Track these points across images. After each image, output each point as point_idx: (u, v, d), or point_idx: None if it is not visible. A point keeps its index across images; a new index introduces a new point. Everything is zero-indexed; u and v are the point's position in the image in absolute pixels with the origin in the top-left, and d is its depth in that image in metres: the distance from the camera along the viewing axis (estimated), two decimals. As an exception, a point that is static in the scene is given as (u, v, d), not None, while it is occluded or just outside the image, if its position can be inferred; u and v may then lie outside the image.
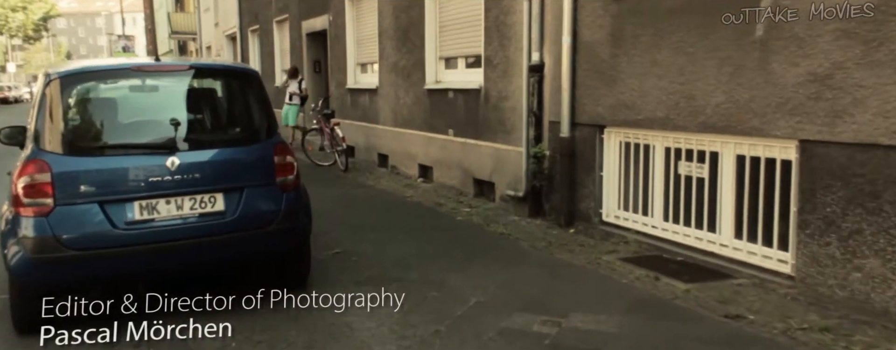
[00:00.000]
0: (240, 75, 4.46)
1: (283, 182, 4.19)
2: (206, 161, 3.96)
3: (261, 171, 4.13)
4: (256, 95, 4.28)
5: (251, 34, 18.60)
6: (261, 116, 4.29)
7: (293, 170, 4.28)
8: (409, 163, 9.52)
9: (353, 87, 11.41)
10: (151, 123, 4.03)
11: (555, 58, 6.28)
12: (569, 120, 6.06)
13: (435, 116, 8.69)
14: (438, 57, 8.76)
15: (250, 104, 4.29)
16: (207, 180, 3.92)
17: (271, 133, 4.27)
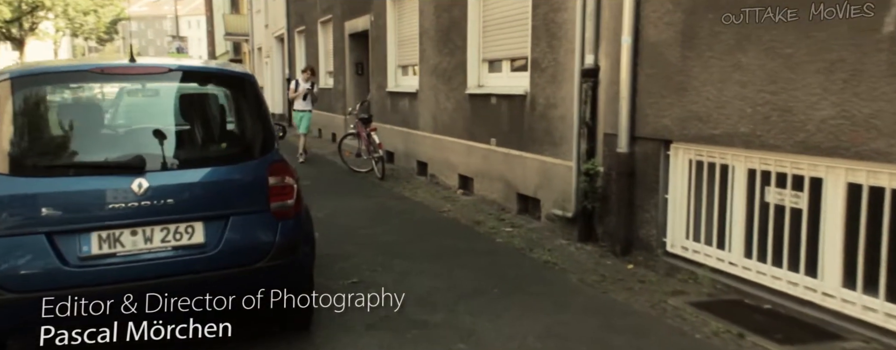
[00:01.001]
0: (230, 80, 3.58)
1: (279, 208, 3.34)
2: (182, 183, 3.13)
3: (252, 194, 3.28)
4: (250, 105, 3.42)
5: (298, 35, 18.00)
6: (254, 129, 3.43)
7: (292, 193, 3.41)
8: (448, 173, 8.62)
9: (393, 90, 10.57)
10: (117, 137, 3.24)
11: (612, 60, 5.28)
12: (628, 133, 5.05)
13: (476, 124, 7.76)
14: (481, 59, 7.82)
15: (242, 115, 3.44)
16: (184, 206, 3.09)
17: (267, 149, 3.41)
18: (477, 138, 7.75)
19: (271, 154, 3.40)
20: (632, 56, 4.97)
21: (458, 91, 8.14)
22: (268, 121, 3.46)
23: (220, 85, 3.53)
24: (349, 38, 13.22)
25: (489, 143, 7.44)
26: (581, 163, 5.63)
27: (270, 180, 3.30)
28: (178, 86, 3.38)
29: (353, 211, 7.15)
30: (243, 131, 3.45)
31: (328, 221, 6.62)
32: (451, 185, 8.48)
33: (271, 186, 3.30)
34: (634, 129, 5.03)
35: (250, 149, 3.40)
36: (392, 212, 7.14)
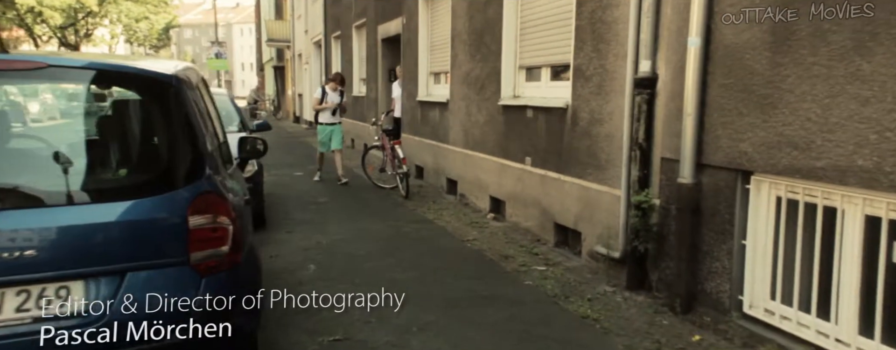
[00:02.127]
0: (143, 84, 2.59)
1: (204, 258, 2.40)
2: (53, 226, 2.21)
3: (162, 240, 2.36)
4: (171, 117, 2.48)
5: (334, 41, 17.27)
6: (175, 151, 2.48)
7: (226, 237, 2.46)
8: (479, 193, 7.60)
9: (424, 99, 9.62)
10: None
11: (674, 68, 4.19)
12: (693, 158, 3.95)
13: (510, 139, 6.73)
14: (517, 66, 6.80)
15: (155, 131, 2.49)
16: (54, 259, 2.18)
17: (193, 177, 2.47)
18: (510, 156, 6.71)
19: (198, 184, 2.43)
20: (701, 62, 3.88)
21: (491, 102, 7.13)
22: (198, 139, 2.49)
23: (129, 89, 2.57)
24: (382, 43, 12.35)
25: (523, 163, 6.40)
26: (631, 193, 4.54)
27: (192, 220, 2.36)
28: (60, 88, 2.46)
29: (365, 237, 6.20)
30: (156, 153, 2.49)
31: (331, 249, 5.69)
32: (482, 207, 7.46)
33: (193, 229, 2.36)
34: (701, 155, 3.93)
35: (166, 177, 2.45)
36: (409, 240, 6.15)
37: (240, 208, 2.80)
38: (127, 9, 39.38)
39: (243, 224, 2.84)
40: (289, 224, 6.73)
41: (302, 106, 23.19)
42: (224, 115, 7.32)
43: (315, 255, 5.48)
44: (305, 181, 9.82)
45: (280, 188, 9.08)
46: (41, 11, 31.43)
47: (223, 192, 2.54)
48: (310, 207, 7.65)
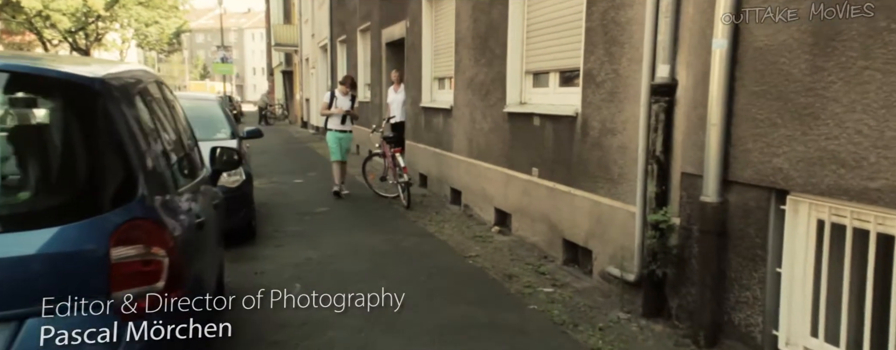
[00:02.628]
0: (58, 89, 2.12)
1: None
2: None
3: (76, 277, 1.92)
4: (92, 130, 2.05)
5: (340, 45, 16.91)
6: (98, 169, 2.05)
7: (160, 272, 2.04)
8: (483, 205, 7.16)
9: (427, 104, 9.20)
10: None
11: (696, 73, 3.75)
12: (718, 174, 3.51)
13: (516, 149, 6.29)
14: (524, 71, 6.36)
15: (73, 145, 2.06)
16: None
17: (121, 199, 2.04)
18: (516, 167, 6.28)
19: (128, 208, 2.01)
20: (728, 67, 3.44)
21: (496, 109, 6.70)
22: (131, 155, 2.05)
23: (43, 95, 2.15)
24: (386, 47, 11.96)
25: (530, 174, 5.96)
26: (648, 210, 4.09)
27: (116, 252, 1.94)
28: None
29: (359, 251, 5.78)
30: (72, 172, 2.05)
31: (321, 266, 5.27)
32: (487, 220, 7.02)
33: (117, 263, 1.94)
34: (728, 171, 3.48)
35: (85, 200, 2.01)
36: (407, 255, 5.72)
37: (189, 235, 2.39)
38: (137, 13, 39.23)
39: (192, 253, 2.43)
40: (280, 237, 6.32)
41: (309, 110, 22.85)
42: (211, 123, 6.98)
43: (303, 273, 5.06)
44: (305, 189, 9.42)
45: (277, 197, 8.68)
46: (49, 15, 31.29)
47: (161, 217, 2.12)
48: (305, 218, 7.24)
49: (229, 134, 6.71)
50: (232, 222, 5.73)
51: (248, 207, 6.02)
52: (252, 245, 5.98)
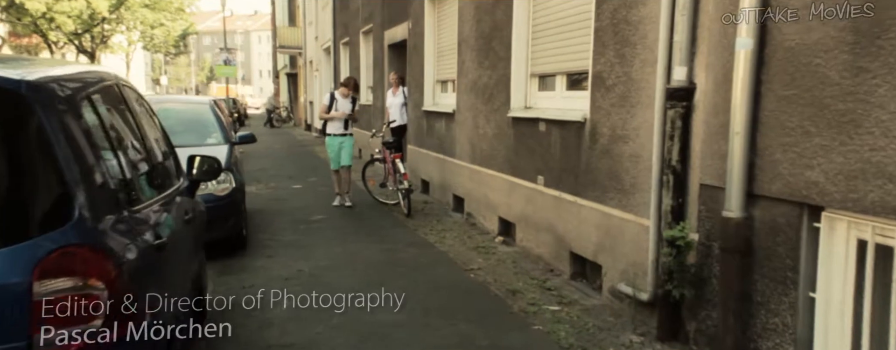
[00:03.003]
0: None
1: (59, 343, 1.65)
2: None
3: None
4: (18, 141, 1.73)
5: (343, 47, 16.64)
6: (22, 189, 1.73)
7: (99, 308, 1.72)
8: (487, 213, 6.83)
9: (430, 108, 8.89)
10: None
11: (717, 76, 3.42)
12: (742, 187, 3.17)
13: (521, 155, 5.97)
14: (529, 74, 6.04)
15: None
16: None
17: (51, 224, 1.71)
18: (521, 174, 5.95)
19: (59, 233, 1.69)
20: (753, 69, 3.10)
21: (500, 113, 6.38)
22: (67, 170, 1.72)
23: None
24: (388, 49, 11.67)
25: (535, 182, 5.63)
26: (663, 224, 3.76)
27: (40, 286, 1.62)
28: None
29: (354, 264, 5.46)
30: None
31: (313, 280, 4.96)
32: (490, 229, 6.69)
33: (40, 299, 1.62)
34: (753, 183, 3.15)
35: (8, 224, 1.69)
36: (404, 268, 5.40)
37: (147, 258, 2.09)
38: (142, 15, 39.11)
39: (149, 278, 2.12)
40: (272, 247, 6.00)
41: (312, 113, 22.58)
42: (202, 128, 6.67)
43: (293, 287, 4.74)
44: (304, 196, 9.11)
45: (274, 203, 8.38)
46: (53, 17, 31.14)
47: (104, 242, 1.81)
48: (300, 227, 6.93)
49: (221, 139, 6.42)
50: (220, 232, 5.43)
51: (238, 216, 5.72)
52: (242, 255, 5.67)
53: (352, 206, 7.95)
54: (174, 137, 6.46)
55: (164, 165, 3.10)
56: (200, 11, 59.45)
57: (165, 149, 3.36)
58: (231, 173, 5.68)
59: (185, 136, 6.32)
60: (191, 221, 3.21)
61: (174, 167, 3.43)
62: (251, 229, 6.67)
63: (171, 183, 3.04)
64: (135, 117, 2.72)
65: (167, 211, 2.66)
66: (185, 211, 3.05)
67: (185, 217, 2.99)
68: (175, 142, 6.33)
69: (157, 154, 3.00)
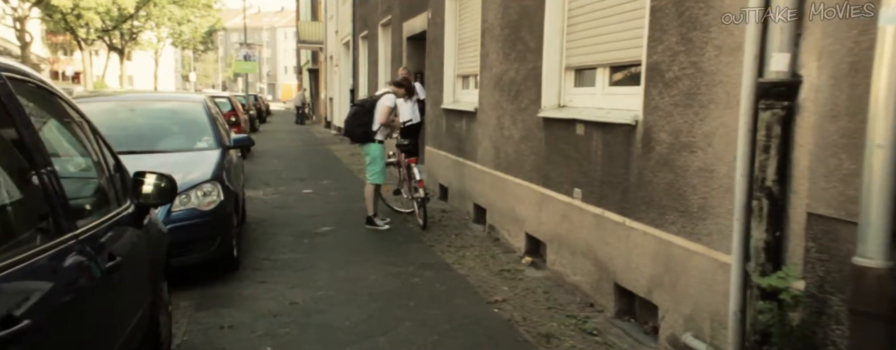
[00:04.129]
0: None
1: None
2: None
3: None
4: None
5: (362, 41, 15.76)
6: None
7: None
8: (512, 228, 5.87)
9: (449, 106, 7.94)
10: None
11: (838, 65, 2.42)
12: (886, 223, 2.17)
13: (554, 163, 4.99)
14: (563, 66, 5.06)
15: None
16: None
17: None
18: (553, 185, 4.98)
19: None
20: (907, 54, 2.10)
21: (529, 113, 5.41)
22: None
23: None
24: (407, 41, 10.74)
25: (571, 196, 4.66)
26: (752, 265, 2.77)
27: None
28: None
29: (358, 292, 4.54)
30: None
31: (306, 317, 4.06)
32: (516, 246, 5.73)
33: None
34: (902, 219, 2.14)
35: None
36: (417, 298, 4.46)
37: (39, 318, 1.25)
38: (170, 12, 38.74)
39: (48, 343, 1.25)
40: (267, 269, 5.12)
41: (332, 110, 21.78)
42: (192, 130, 5.82)
43: (280, 329, 3.84)
44: (313, 202, 8.23)
45: (279, 211, 7.52)
46: (80, 13, 30.79)
47: None
48: (303, 242, 6.04)
49: (213, 143, 5.54)
50: (203, 255, 4.58)
51: (227, 235, 4.83)
52: (230, 280, 4.80)
53: (388, 228, 6.58)
54: (158, 142, 5.65)
55: (99, 186, 2.25)
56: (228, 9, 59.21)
57: (101, 164, 2.49)
58: (219, 184, 4.80)
59: (171, 140, 5.48)
60: (135, 254, 2.35)
61: (115, 187, 2.56)
62: (247, 245, 5.81)
63: (106, 208, 2.19)
64: (44, 124, 1.85)
65: (106, 241, 1.78)
66: (111, 255, 2.16)
67: (107, 264, 2.10)
68: (158, 147, 5.52)
69: (90, 170, 2.14)
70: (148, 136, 5.40)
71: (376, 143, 6.56)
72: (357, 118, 6.57)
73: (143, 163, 5.22)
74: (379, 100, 6.57)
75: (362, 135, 6.56)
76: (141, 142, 5.20)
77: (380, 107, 6.51)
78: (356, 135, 6.61)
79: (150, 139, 5.35)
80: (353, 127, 6.59)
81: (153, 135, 5.47)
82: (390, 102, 6.58)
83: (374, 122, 6.50)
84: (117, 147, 5.31)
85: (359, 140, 6.62)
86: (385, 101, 6.53)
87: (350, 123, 6.65)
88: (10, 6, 26.85)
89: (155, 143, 5.31)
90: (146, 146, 5.15)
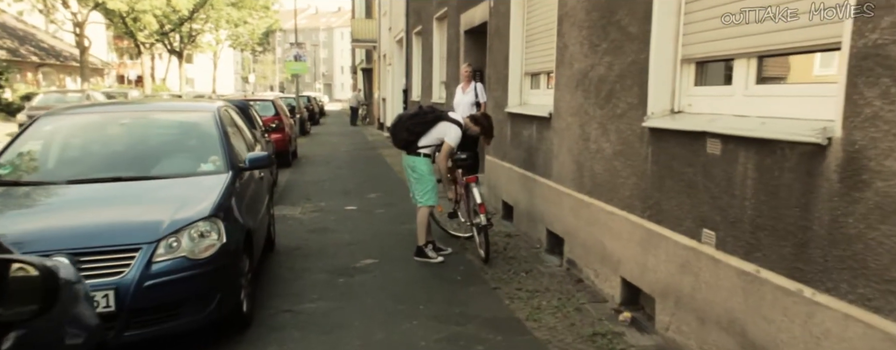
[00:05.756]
0: None
1: None
2: None
3: None
4: None
5: (415, 37, 14.59)
6: None
7: None
8: (602, 268, 4.52)
9: (515, 110, 6.63)
10: None
11: None
12: None
13: (667, 190, 3.62)
14: (680, 58, 3.67)
15: None
16: None
17: None
18: (667, 221, 3.61)
19: None
20: None
21: (627, 120, 4.05)
22: None
23: None
24: (465, 35, 9.47)
25: (697, 239, 3.29)
26: None
27: None
28: None
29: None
30: None
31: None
32: (606, 292, 4.39)
33: None
34: None
35: None
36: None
37: None
38: (228, 14, 38.69)
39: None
40: (286, 327, 3.93)
41: (385, 111, 20.75)
42: (198, 148, 4.68)
43: None
44: (356, 223, 7.04)
45: (314, 237, 6.36)
46: (137, 17, 30.84)
47: None
48: (338, 282, 4.85)
49: (222, 165, 4.36)
50: (198, 317, 3.42)
51: (230, 288, 3.63)
52: (235, 343, 3.65)
53: (442, 260, 5.36)
54: (151, 165, 4.05)
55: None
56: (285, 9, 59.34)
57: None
58: (220, 222, 3.60)
59: (169, 163, 4.34)
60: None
61: None
62: (267, 287, 4.66)
63: None
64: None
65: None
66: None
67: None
68: (151, 171, 4.28)
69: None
70: (139, 158, 4.30)
71: (423, 156, 5.31)
72: (411, 121, 5.27)
73: (125, 194, 3.79)
74: (447, 125, 5.24)
75: (404, 143, 5.32)
76: (129, 165, 4.13)
77: (440, 130, 5.24)
78: (399, 138, 5.36)
79: (142, 162, 4.25)
80: (400, 129, 5.34)
81: (146, 156, 4.36)
82: (455, 141, 5.28)
83: (423, 138, 5.26)
84: (98, 172, 4.28)
85: (400, 145, 5.41)
86: (450, 136, 5.23)
87: (399, 125, 5.38)
88: (69, 11, 26.98)
89: (147, 166, 4.21)
90: (136, 171, 4.07)
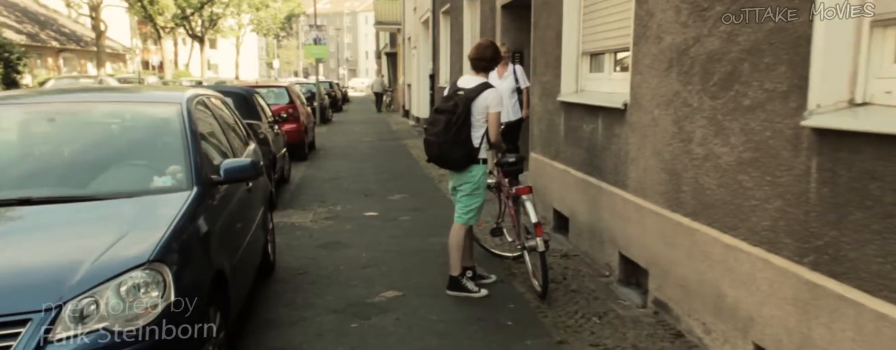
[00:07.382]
0: None
1: None
2: None
3: None
4: None
5: (443, 17, 13.29)
6: None
7: None
8: (716, 322, 3.25)
9: (570, 99, 5.34)
10: None
11: None
12: None
13: (852, 226, 2.32)
14: (871, 19, 2.36)
15: None
16: None
17: None
18: (856, 276, 2.32)
19: None
20: None
21: (765, 116, 2.75)
22: None
23: None
24: (501, 11, 8.16)
25: (924, 316, 2.01)
26: None
27: None
28: None
29: None
30: None
31: None
32: (724, 360, 3.12)
33: None
34: None
35: None
36: None
37: None
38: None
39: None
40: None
41: (410, 98, 19.52)
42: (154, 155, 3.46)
43: None
44: (377, 236, 5.82)
45: (326, 252, 5.19)
46: (153, 0, 29.95)
47: None
48: (348, 328, 3.66)
49: (187, 178, 3.11)
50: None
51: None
52: None
53: (486, 293, 4.15)
54: (86, 179, 2.54)
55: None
56: (308, -7, 58.25)
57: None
58: (165, 271, 2.40)
59: (107, 177, 3.07)
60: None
61: None
62: (256, 332, 3.50)
63: None
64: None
65: None
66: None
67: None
68: (83, 190, 2.18)
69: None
70: (65, 171, 3.10)
71: (481, 163, 4.02)
72: (450, 133, 3.90)
73: (30, 225, 2.52)
74: (476, 97, 3.95)
75: (465, 158, 3.98)
76: (48, 181, 2.96)
77: (481, 107, 3.91)
78: (454, 160, 4.00)
79: (68, 175, 3.05)
80: (448, 148, 3.93)
81: (75, 167, 3.14)
82: (497, 105, 3.94)
83: (473, 132, 3.97)
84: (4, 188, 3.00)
85: (458, 166, 4.12)
86: (490, 101, 3.92)
87: (439, 143, 3.96)
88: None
89: (75, 182, 2.99)
90: (57, 189, 2.89)
